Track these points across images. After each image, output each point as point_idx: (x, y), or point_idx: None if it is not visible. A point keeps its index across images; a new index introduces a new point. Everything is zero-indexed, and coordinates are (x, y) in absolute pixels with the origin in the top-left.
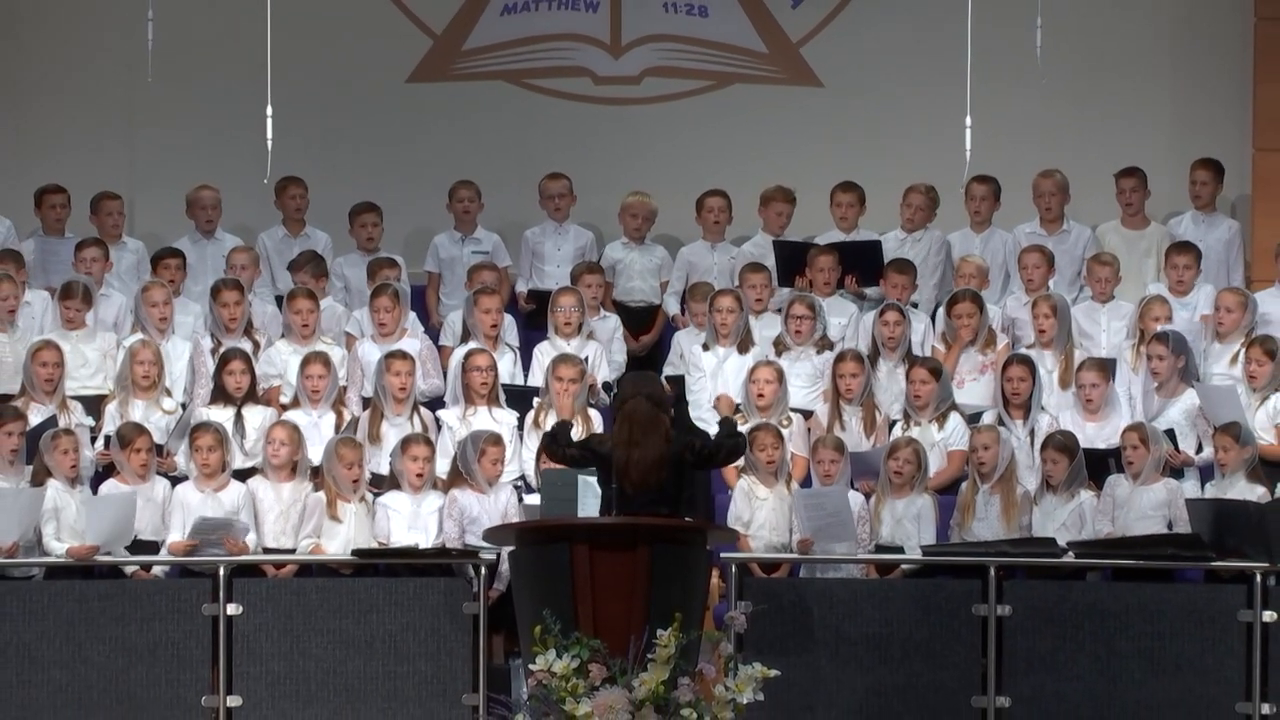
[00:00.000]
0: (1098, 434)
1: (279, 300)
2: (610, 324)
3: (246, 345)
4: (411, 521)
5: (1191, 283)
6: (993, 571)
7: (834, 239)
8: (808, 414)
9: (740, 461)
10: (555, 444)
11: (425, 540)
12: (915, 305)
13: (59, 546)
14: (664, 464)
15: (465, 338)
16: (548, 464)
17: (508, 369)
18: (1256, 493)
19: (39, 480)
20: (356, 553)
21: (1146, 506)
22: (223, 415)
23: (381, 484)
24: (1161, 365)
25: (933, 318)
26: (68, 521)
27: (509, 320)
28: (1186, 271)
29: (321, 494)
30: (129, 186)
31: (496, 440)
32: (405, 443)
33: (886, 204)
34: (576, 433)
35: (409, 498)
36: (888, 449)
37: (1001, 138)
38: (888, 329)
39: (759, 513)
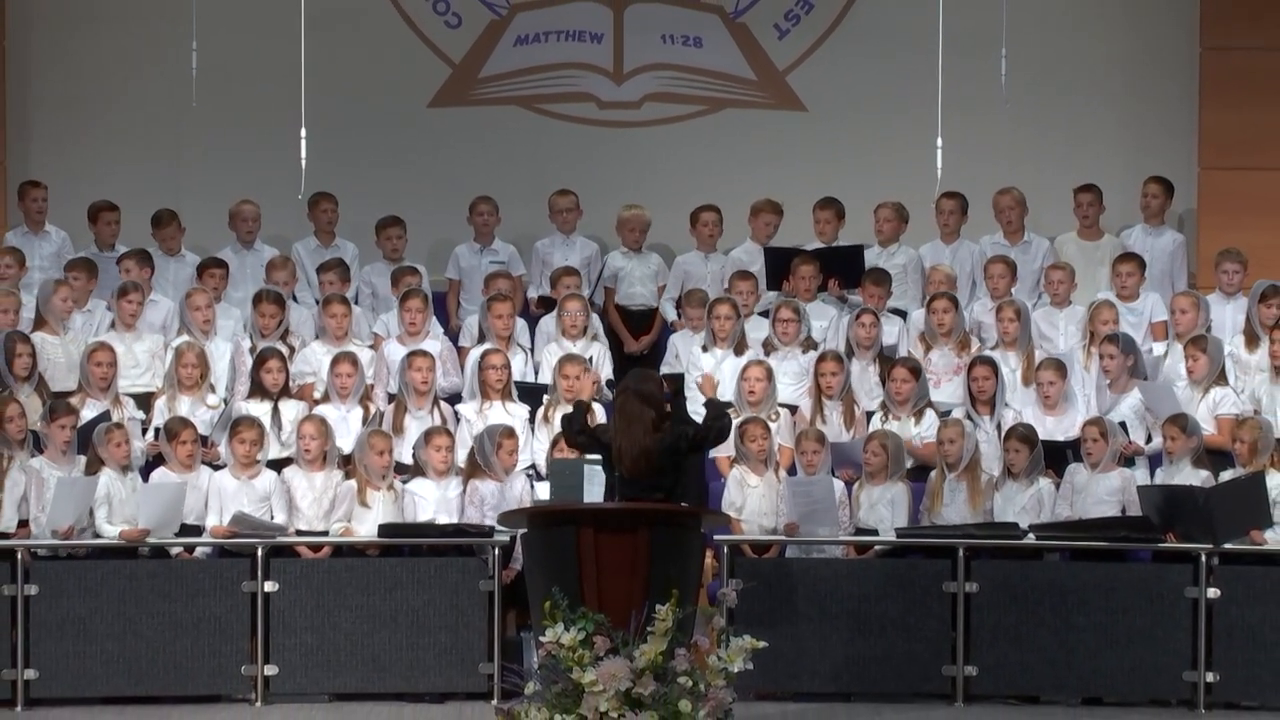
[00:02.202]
0: (1056, 427)
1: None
2: (593, 323)
3: (283, 347)
4: (439, 506)
5: (1136, 289)
6: (961, 552)
7: (815, 249)
8: (793, 408)
9: (733, 452)
10: (569, 426)
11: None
12: (899, 313)
13: (111, 529)
14: (650, 452)
15: (482, 339)
16: (557, 454)
17: (518, 368)
18: (1200, 477)
19: (93, 469)
20: (382, 529)
21: (1102, 492)
22: (261, 409)
23: (405, 472)
24: (1113, 364)
25: (903, 317)
26: (119, 506)
27: (520, 323)
28: (1130, 278)
29: (352, 482)
30: (174, 201)
31: (510, 433)
32: (428, 434)
33: (865, 218)
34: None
35: (434, 484)
36: (865, 440)
37: (969, 157)
38: (863, 330)
39: (750, 499)
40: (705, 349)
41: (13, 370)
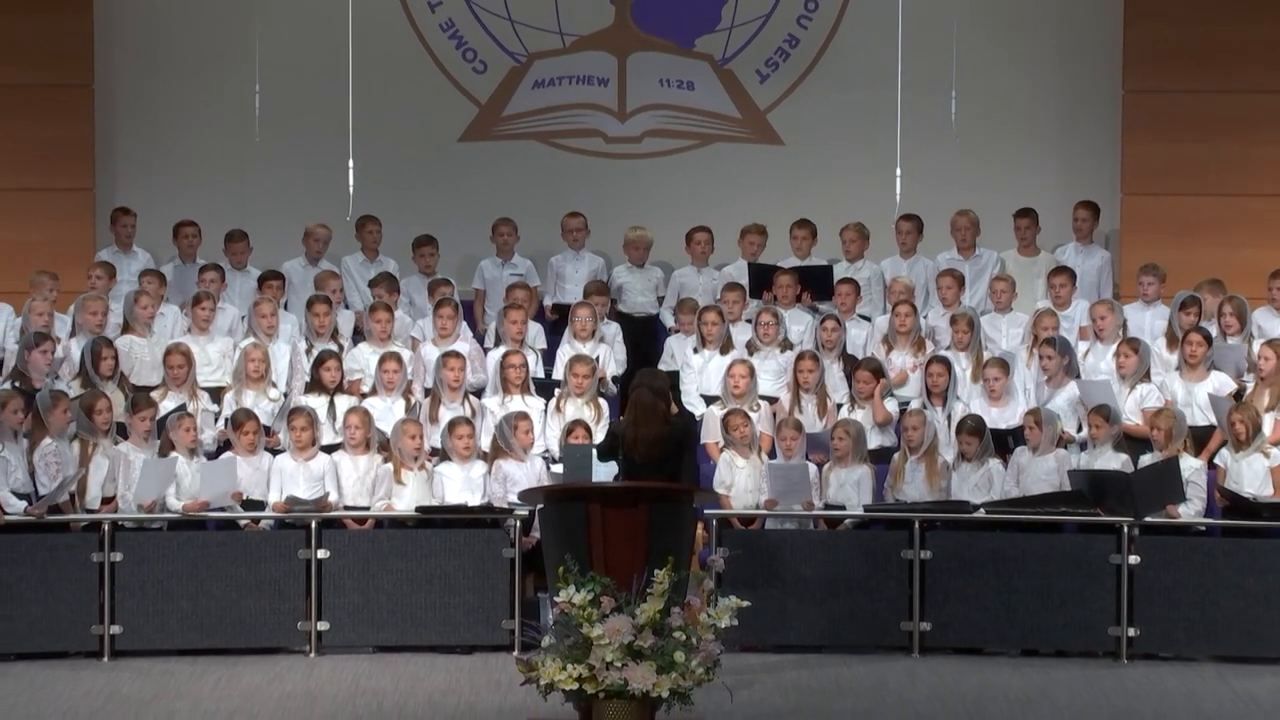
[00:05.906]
0: (1000, 417)
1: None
2: (612, 329)
3: (334, 347)
4: (463, 485)
5: (1068, 298)
6: (917, 524)
7: (792, 264)
8: (773, 401)
9: (720, 440)
10: (605, 449)
11: (473, 500)
12: (864, 319)
13: (177, 504)
14: (663, 440)
15: (498, 342)
16: (570, 440)
17: (530, 367)
18: (1120, 460)
19: (164, 453)
20: (420, 509)
21: (1040, 472)
22: (318, 402)
23: (438, 455)
24: (1050, 364)
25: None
26: (185, 485)
27: (537, 328)
28: (1062, 289)
29: (390, 464)
30: (240, 222)
31: (524, 416)
32: (452, 425)
33: (834, 237)
34: (589, 415)
35: (459, 467)
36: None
37: (924, 183)
38: (826, 333)
39: (739, 478)
40: (696, 350)
41: (99, 371)
